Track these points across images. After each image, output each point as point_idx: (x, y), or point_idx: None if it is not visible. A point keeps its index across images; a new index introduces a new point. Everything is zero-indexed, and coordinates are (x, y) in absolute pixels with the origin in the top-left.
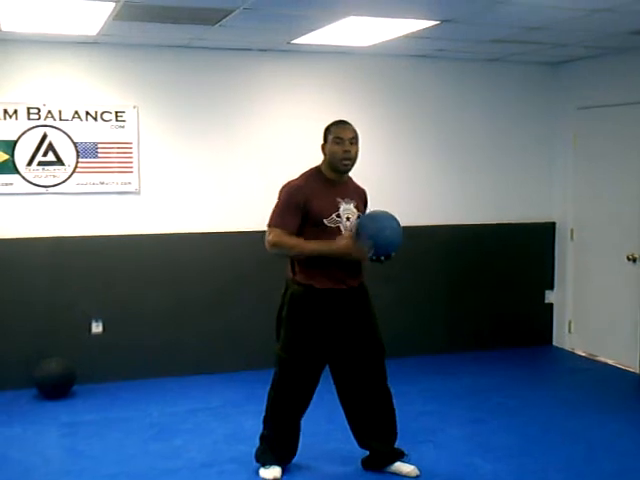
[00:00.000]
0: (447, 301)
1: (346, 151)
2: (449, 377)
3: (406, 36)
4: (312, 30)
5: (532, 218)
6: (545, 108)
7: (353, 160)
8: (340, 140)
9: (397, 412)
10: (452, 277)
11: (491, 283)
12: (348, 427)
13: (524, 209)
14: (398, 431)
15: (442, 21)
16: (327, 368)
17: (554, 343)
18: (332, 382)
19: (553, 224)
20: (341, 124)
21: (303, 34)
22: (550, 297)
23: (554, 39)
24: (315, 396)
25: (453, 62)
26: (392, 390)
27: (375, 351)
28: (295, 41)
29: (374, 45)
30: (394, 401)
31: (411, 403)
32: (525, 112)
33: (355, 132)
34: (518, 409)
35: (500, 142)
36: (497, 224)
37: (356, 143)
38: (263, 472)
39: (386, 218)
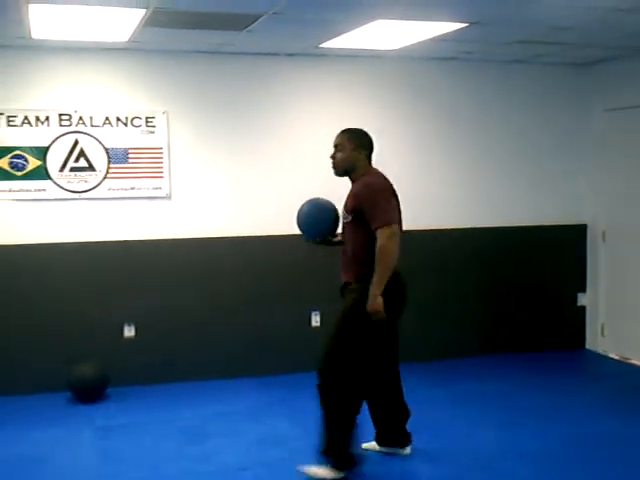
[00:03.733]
0: (478, 304)
1: (331, 157)
2: (480, 380)
3: (433, 39)
4: (340, 34)
5: (563, 220)
6: (573, 110)
7: (336, 165)
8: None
9: (427, 416)
10: (483, 279)
11: (523, 286)
12: None
13: (555, 211)
14: (430, 433)
15: (470, 23)
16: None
17: (587, 346)
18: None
19: (584, 226)
20: None
21: (331, 38)
22: (582, 300)
23: (581, 40)
24: None
25: (480, 64)
26: (422, 394)
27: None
28: (323, 45)
29: (401, 48)
30: (424, 405)
31: (441, 406)
32: (553, 114)
33: (340, 139)
34: (549, 413)
35: (529, 145)
36: (528, 226)
37: (341, 150)
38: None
39: (304, 204)
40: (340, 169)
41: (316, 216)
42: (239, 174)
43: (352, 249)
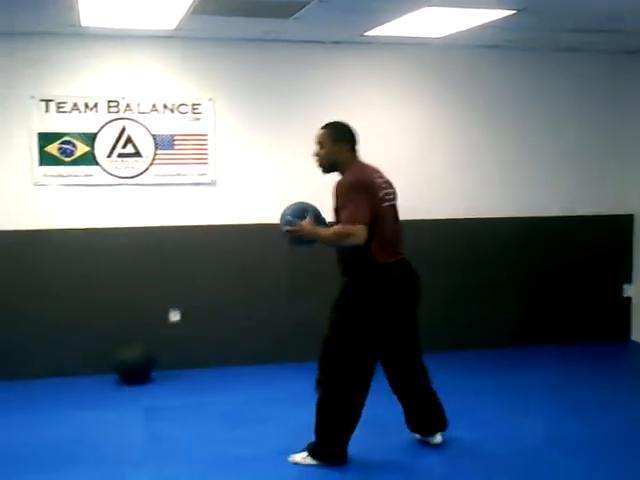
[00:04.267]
0: (521, 294)
1: (314, 155)
2: (522, 372)
3: (481, 26)
4: (386, 22)
5: (610, 210)
6: (619, 97)
7: (320, 161)
8: None
9: (468, 406)
10: (527, 270)
11: (567, 277)
12: None
13: (601, 201)
14: (470, 422)
15: (518, 10)
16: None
17: (632, 338)
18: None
19: (631, 216)
20: None
21: (377, 26)
22: (628, 291)
23: (631, 27)
24: None
25: (527, 52)
26: (463, 384)
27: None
28: (368, 33)
29: (448, 36)
30: (465, 395)
31: (483, 397)
32: (598, 102)
33: (320, 135)
34: (593, 404)
35: (574, 133)
36: (573, 216)
37: (321, 146)
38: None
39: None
40: (324, 165)
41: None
42: (284, 161)
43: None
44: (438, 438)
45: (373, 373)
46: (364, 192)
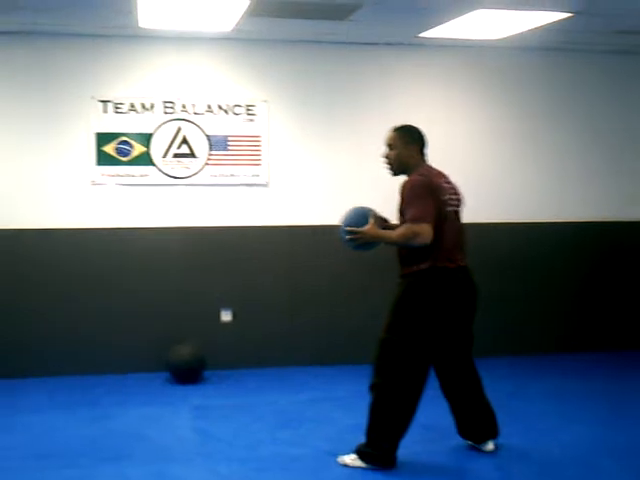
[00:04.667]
0: (571, 299)
1: (384, 157)
2: (573, 378)
3: (535, 29)
4: (440, 23)
5: None
6: None
7: (391, 163)
8: None
9: (519, 412)
10: (576, 274)
11: (614, 282)
12: None
13: None
14: (520, 427)
15: (575, 13)
16: None
17: None
18: None
19: None
20: None
21: (431, 27)
22: None
23: None
24: None
25: (581, 54)
26: (511, 389)
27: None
28: (422, 34)
29: (502, 38)
30: (516, 400)
31: (534, 403)
32: None
33: (391, 137)
34: None
35: (629, 137)
36: (623, 222)
37: (392, 148)
38: None
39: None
40: (395, 167)
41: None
42: (336, 163)
43: (399, 247)
44: (490, 446)
45: (427, 377)
46: (430, 193)
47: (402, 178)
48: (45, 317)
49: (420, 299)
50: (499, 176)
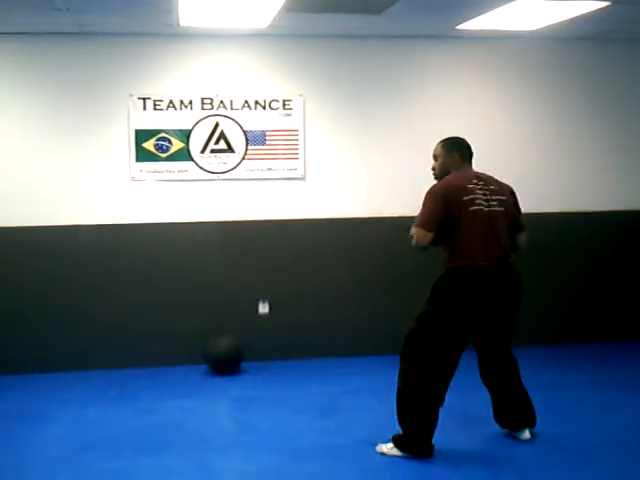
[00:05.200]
0: (602, 289)
1: (431, 169)
2: (610, 366)
3: (574, 18)
4: (479, 14)
5: None
6: None
7: (436, 174)
8: None
9: (557, 400)
10: (600, 265)
11: None
12: None
13: None
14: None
15: (613, 2)
16: None
17: None
18: None
19: None
20: None
21: (470, 19)
22: None
23: None
24: None
25: (620, 44)
26: (550, 378)
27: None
28: (461, 27)
29: (540, 28)
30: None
31: (569, 391)
32: None
33: (436, 149)
34: None
35: None
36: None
37: (437, 159)
38: None
39: None
40: (439, 176)
41: None
42: (372, 157)
43: (442, 246)
44: (526, 434)
45: (453, 367)
46: (439, 198)
47: None
48: (87, 312)
49: (443, 295)
50: (538, 168)
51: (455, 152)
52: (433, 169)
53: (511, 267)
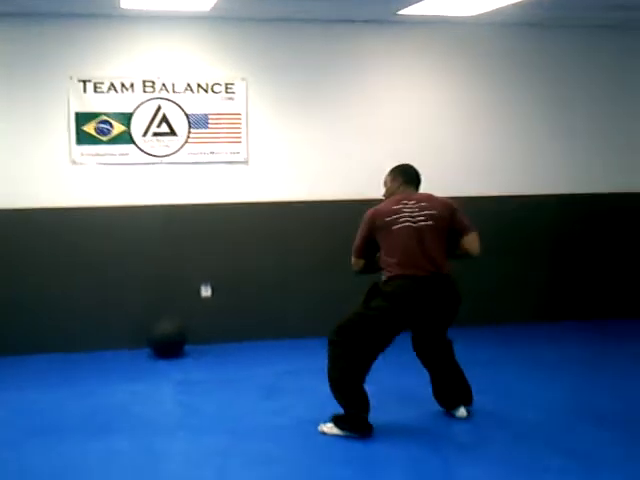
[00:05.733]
0: (546, 269)
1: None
2: (546, 345)
3: (514, 4)
4: (420, 0)
5: None
6: None
7: (384, 197)
8: None
9: (494, 378)
10: (553, 246)
11: (591, 253)
12: None
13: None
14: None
15: None
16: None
17: None
18: None
19: None
20: None
21: (411, 4)
22: None
23: None
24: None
25: (559, 30)
26: (487, 358)
27: None
28: (402, 12)
29: (480, 14)
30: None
31: (506, 370)
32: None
33: (385, 176)
34: (624, 378)
35: (614, 111)
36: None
37: (385, 185)
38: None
39: None
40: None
41: None
42: (313, 140)
43: None
44: (462, 411)
45: (375, 356)
46: (365, 225)
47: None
48: (25, 296)
49: (375, 301)
50: (480, 150)
51: (399, 177)
52: (384, 195)
53: (442, 277)
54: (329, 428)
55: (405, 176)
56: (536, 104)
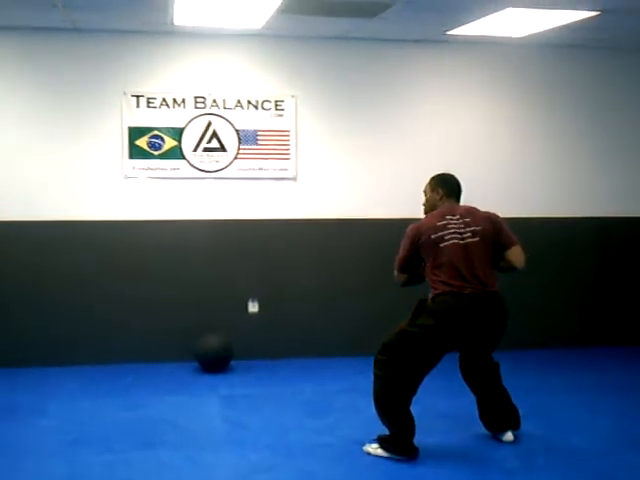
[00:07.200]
0: (589, 293)
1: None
2: (592, 370)
3: (562, 27)
4: (470, 21)
5: None
6: None
7: (424, 207)
8: None
9: (542, 403)
10: (594, 269)
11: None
12: None
13: None
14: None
15: (603, 11)
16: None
17: None
18: None
19: None
20: None
21: (459, 25)
22: None
23: None
24: None
25: (609, 52)
26: (535, 382)
27: None
28: (450, 32)
29: (528, 35)
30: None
31: (553, 395)
32: None
33: (425, 185)
34: None
35: None
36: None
37: (425, 195)
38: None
39: None
40: (426, 210)
41: None
42: (363, 157)
43: None
44: (509, 435)
45: (422, 377)
46: (409, 239)
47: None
48: (76, 306)
49: (422, 319)
50: (523, 173)
51: (440, 188)
52: (423, 205)
53: (490, 294)
54: (374, 449)
55: (447, 188)
56: (580, 124)
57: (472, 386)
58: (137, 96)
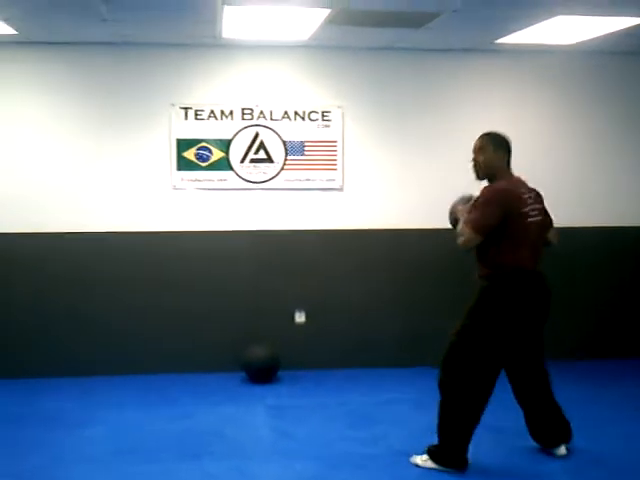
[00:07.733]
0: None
1: (472, 160)
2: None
3: (613, 33)
4: (518, 30)
5: None
6: None
7: (479, 167)
8: None
9: (594, 416)
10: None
11: None
12: None
13: None
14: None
15: None
16: None
17: None
18: None
19: None
20: None
21: (508, 34)
22: None
23: None
24: None
25: None
26: (586, 394)
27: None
28: (499, 41)
29: (579, 43)
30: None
31: (606, 408)
32: None
33: (481, 141)
34: None
35: None
36: None
37: (482, 153)
38: None
39: None
40: (481, 172)
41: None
42: (410, 168)
43: (477, 249)
44: (562, 450)
45: (495, 380)
46: (498, 206)
47: (481, 184)
48: (125, 317)
49: (492, 305)
50: (578, 180)
51: (501, 151)
52: (474, 162)
53: (543, 276)
54: (423, 461)
55: (508, 151)
56: (627, 132)
57: (523, 398)
58: (185, 108)
